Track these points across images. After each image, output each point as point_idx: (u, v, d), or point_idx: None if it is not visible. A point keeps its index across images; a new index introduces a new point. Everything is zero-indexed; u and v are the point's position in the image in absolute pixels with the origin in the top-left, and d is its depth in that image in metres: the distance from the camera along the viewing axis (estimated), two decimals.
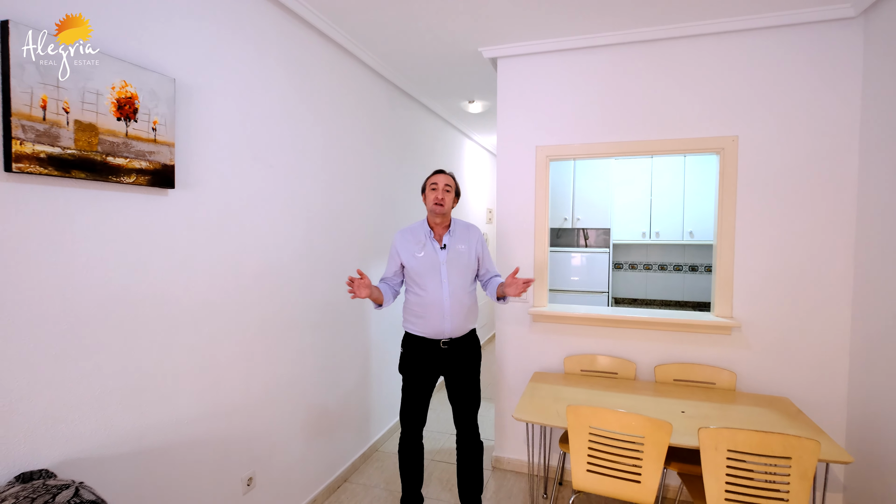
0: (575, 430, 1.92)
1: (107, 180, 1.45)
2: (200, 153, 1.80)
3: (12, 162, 1.22)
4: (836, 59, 2.35)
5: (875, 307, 2.18)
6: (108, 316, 1.48)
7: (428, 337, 2.24)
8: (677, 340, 2.65)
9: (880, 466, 2.11)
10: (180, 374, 1.74)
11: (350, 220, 2.86)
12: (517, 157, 2.89)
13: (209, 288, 1.86)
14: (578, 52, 2.74)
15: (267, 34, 2.14)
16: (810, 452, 1.65)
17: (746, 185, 2.52)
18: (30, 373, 1.29)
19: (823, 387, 2.42)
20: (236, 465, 2.01)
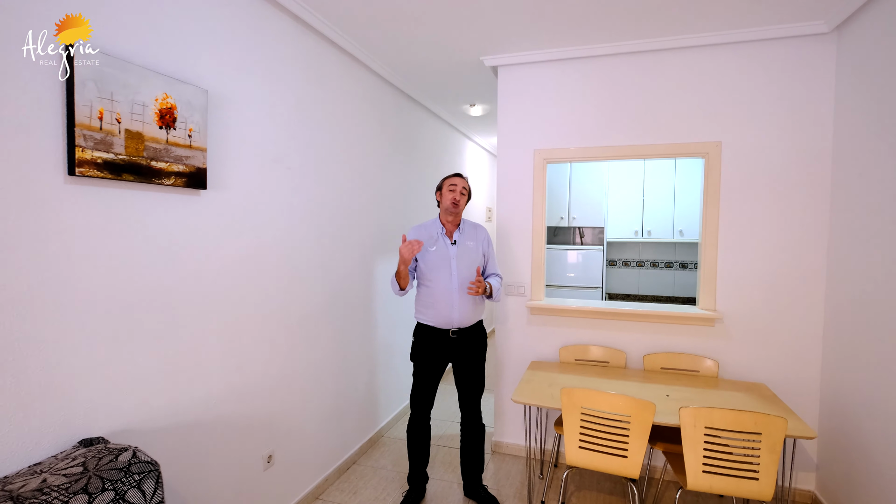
0: (568, 410, 2.11)
1: (150, 182, 1.62)
2: (228, 157, 1.98)
3: (75, 167, 1.40)
4: (811, 72, 2.54)
5: (845, 300, 2.37)
6: (149, 304, 1.66)
7: (438, 326, 2.42)
8: (664, 332, 2.84)
9: (848, 447, 2.30)
10: (210, 358, 1.92)
11: (359, 218, 3.04)
12: (516, 159, 3.07)
13: (235, 279, 2.03)
14: (574, 61, 2.92)
15: (287, 47, 2.31)
16: (778, 428, 1.84)
17: (729, 187, 2.71)
18: (86, 354, 1.47)
19: (798, 373, 2.62)
20: (258, 443, 2.20)
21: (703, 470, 1.95)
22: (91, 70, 1.42)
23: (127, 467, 1.28)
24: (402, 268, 2.33)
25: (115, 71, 1.49)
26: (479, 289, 2.30)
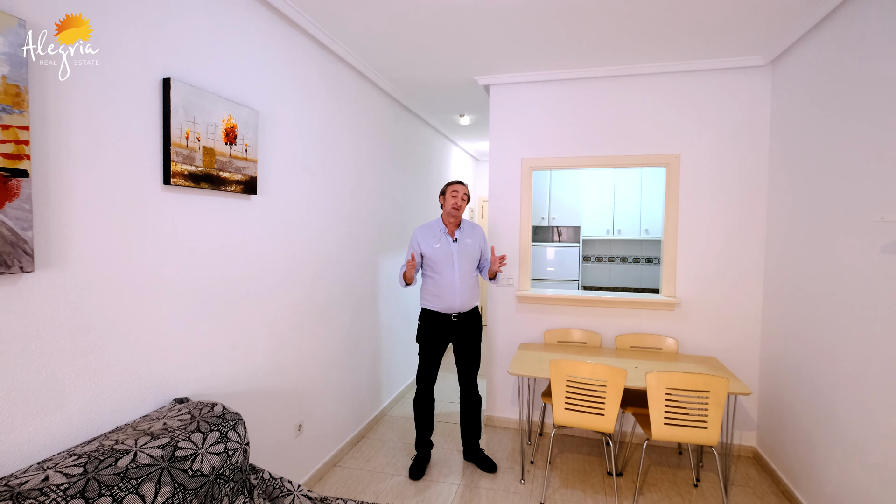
0: (556, 378, 2.54)
1: (218, 189, 1.96)
2: (270, 166, 2.32)
3: (170, 177, 1.73)
4: (751, 97, 3.05)
5: (779, 287, 2.88)
6: (215, 291, 1.99)
7: (441, 311, 2.81)
8: (633, 316, 3.31)
9: (780, 407, 2.81)
10: (257, 337, 2.26)
11: (365, 218, 3.40)
12: (506, 167, 3.49)
13: (275, 271, 2.38)
14: (557, 82, 3.36)
15: (312, 71, 2.66)
16: (722, 386, 2.32)
17: (686, 192, 3.20)
18: (173, 330, 1.80)
19: (742, 348, 3.13)
20: (291, 413, 2.54)
21: (664, 423, 2.41)
22: (180, 98, 1.75)
23: (222, 416, 1.62)
24: (409, 272, 2.74)
25: (196, 99, 1.82)
26: (502, 261, 2.78)
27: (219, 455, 1.48)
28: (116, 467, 1.25)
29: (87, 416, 1.46)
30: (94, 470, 1.22)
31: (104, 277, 1.51)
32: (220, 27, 1.98)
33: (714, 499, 2.64)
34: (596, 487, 2.75)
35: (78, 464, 1.22)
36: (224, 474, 1.48)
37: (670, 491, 2.73)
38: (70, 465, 1.21)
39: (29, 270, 1.27)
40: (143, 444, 1.36)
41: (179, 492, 1.32)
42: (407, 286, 2.85)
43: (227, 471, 1.50)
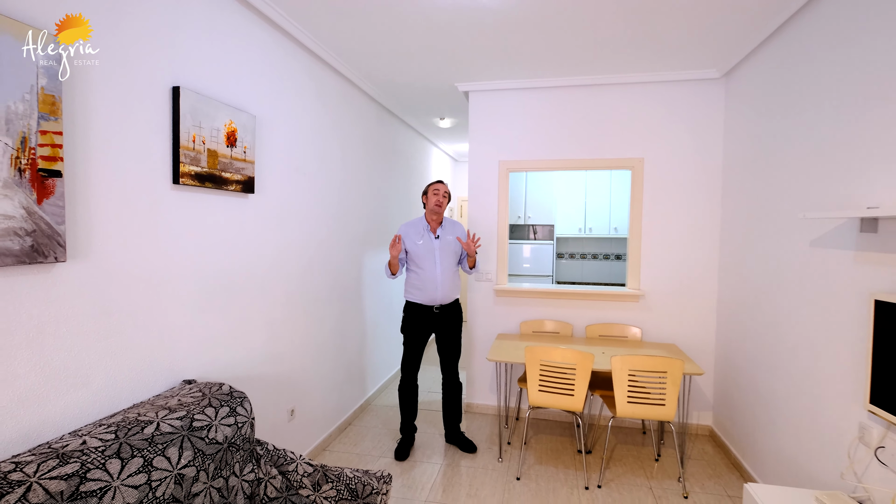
0: (530, 363, 2.77)
1: (221, 188, 2.12)
2: (265, 167, 2.48)
3: (179, 177, 1.88)
4: (707, 106, 3.34)
5: (731, 279, 3.18)
6: (217, 282, 2.15)
7: (424, 304, 3.02)
8: (602, 308, 3.58)
9: (732, 388, 3.11)
10: (255, 327, 2.42)
11: (351, 216, 3.57)
12: (484, 169, 3.72)
13: (269, 266, 2.54)
14: (532, 90, 3.60)
15: (303, 78, 2.82)
16: (678, 367, 2.59)
17: (649, 193, 3.48)
18: (181, 318, 1.95)
19: (700, 335, 3.43)
20: (285, 399, 2.70)
21: (627, 401, 2.67)
22: (188, 105, 1.90)
23: (230, 394, 1.79)
24: (393, 260, 2.92)
25: (201, 105, 1.98)
26: (471, 255, 3.00)
27: (230, 426, 1.66)
28: (143, 434, 1.41)
29: (109, 393, 1.61)
30: (125, 436, 1.38)
31: (122, 268, 1.66)
32: (221, 38, 2.14)
33: (672, 470, 2.92)
34: (567, 464, 3.00)
35: (109, 431, 1.38)
36: (235, 443, 1.65)
37: (634, 465, 2.99)
38: (102, 433, 1.37)
39: (62, 261, 1.43)
40: (164, 416, 1.52)
41: (199, 456, 1.49)
42: (393, 276, 3.03)
43: (238, 440, 1.67)
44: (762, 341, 2.67)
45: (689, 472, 2.91)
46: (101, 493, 1.22)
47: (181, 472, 1.42)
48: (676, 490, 2.71)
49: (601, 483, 2.77)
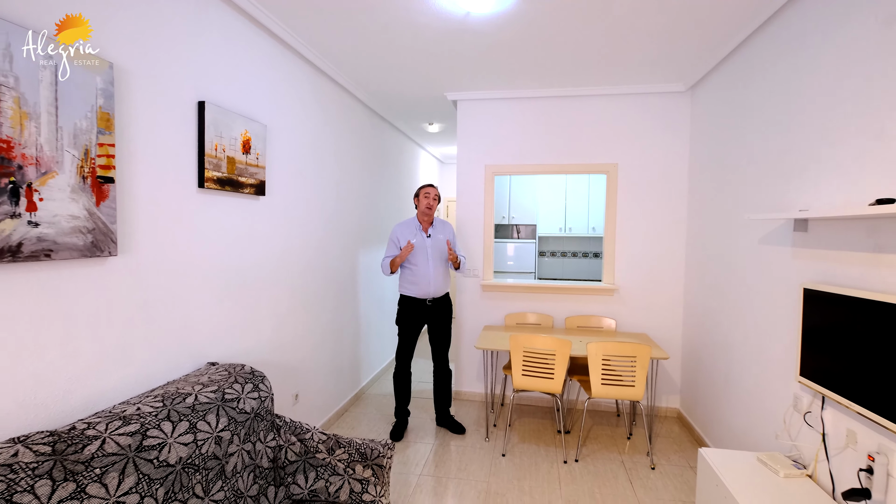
0: (514, 350, 3.06)
1: (237, 191, 2.35)
2: (273, 172, 2.71)
3: (204, 182, 2.12)
4: (674, 117, 3.67)
5: (696, 273, 3.51)
6: (233, 276, 2.38)
7: (418, 297, 3.28)
8: (580, 301, 3.89)
9: (697, 373, 3.44)
10: (264, 317, 2.66)
11: (347, 215, 3.82)
12: (471, 172, 3.99)
13: (276, 262, 2.77)
14: (516, 100, 3.89)
15: (306, 88, 3.06)
16: (645, 352, 2.90)
17: (623, 196, 3.79)
18: (204, 308, 2.18)
19: (669, 325, 3.76)
20: (290, 384, 2.94)
21: (601, 383, 2.97)
22: (211, 117, 2.14)
23: (252, 372, 2.03)
24: (399, 260, 3.18)
25: (222, 117, 2.21)
26: (453, 259, 3.24)
27: (255, 400, 1.90)
28: (186, 403, 1.65)
29: (148, 371, 1.84)
30: (171, 404, 1.61)
31: (156, 262, 1.89)
32: (237, 55, 2.37)
33: (643, 447, 3.24)
34: (548, 442, 3.30)
35: (157, 400, 1.62)
36: (260, 414, 1.90)
37: (608, 443, 3.30)
38: (151, 402, 1.61)
39: (114, 255, 1.65)
40: (199, 390, 1.76)
41: (232, 423, 1.74)
42: (391, 273, 3.28)
43: (262, 412, 1.91)
44: (720, 328, 3.00)
45: (657, 447, 3.23)
46: (160, 447, 1.45)
47: (219, 434, 1.66)
48: (645, 463, 3.02)
49: (578, 458, 3.07)
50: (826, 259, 1.95)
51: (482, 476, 2.84)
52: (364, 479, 1.86)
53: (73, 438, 1.31)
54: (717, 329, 3.06)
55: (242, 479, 1.72)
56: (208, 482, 1.58)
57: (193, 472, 1.53)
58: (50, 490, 1.17)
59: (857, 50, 1.80)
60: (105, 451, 1.33)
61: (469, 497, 2.63)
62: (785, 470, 1.98)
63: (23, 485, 1.13)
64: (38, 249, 1.40)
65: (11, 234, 1.32)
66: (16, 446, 1.21)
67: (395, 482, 2.76)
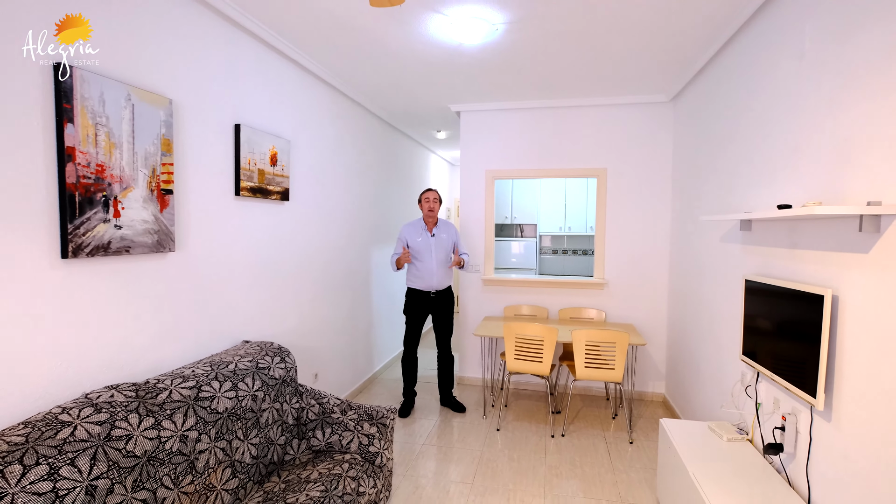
0: (507, 337, 3.44)
1: (266, 198, 2.78)
2: (296, 180, 3.14)
3: (240, 191, 2.55)
4: (659, 125, 4.00)
5: (677, 268, 3.83)
6: (262, 268, 2.81)
7: (422, 290, 3.68)
8: (573, 294, 4.24)
9: (680, 361, 3.76)
10: (289, 306, 3.09)
11: (361, 216, 4.24)
12: (474, 176, 4.38)
13: (299, 258, 3.20)
14: (513, 110, 4.25)
15: (324, 105, 3.49)
16: (624, 339, 3.25)
17: (612, 197, 4.13)
18: (239, 296, 2.61)
19: (653, 317, 4.09)
20: (310, 365, 3.37)
21: (585, 366, 3.33)
22: (245, 137, 2.57)
23: (279, 348, 2.46)
24: (401, 260, 3.58)
25: (254, 136, 2.64)
26: (456, 263, 3.60)
27: (282, 369, 2.32)
28: (228, 369, 2.08)
29: (195, 346, 2.28)
30: (217, 369, 2.04)
31: (203, 257, 2.33)
32: (266, 83, 2.80)
33: (625, 425, 3.58)
34: (539, 420, 3.67)
35: (205, 367, 2.05)
36: (286, 381, 2.32)
37: (594, 421, 3.66)
38: (201, 368, 2.04)
39: (172, 251, 2.09)
40: (238, 360, 2.19)
41: (265, 386, 2.16)
42: (398, 270, 3.70)
43: (288, 379, 2.34)
44: (694, 318, 3.33)
45: (639, 427, 3.57)
46: (211, 399, 1.88)
47: (255, 393, 2.09)
48: (625, 438, 3.37)
49: (565, 433, 3.44)
50: (763, 254, 2.28)
51: (478, 446, 3.23)
52: (370, 435, 2.27)
53: (148, 389, 1.75)
54: (692, 318, 3.39)
55: (273, 430, 2.14)
56: (247, 429, 2.00)
57: (236, 420, 1.95)
58: (138, 421, 1.60)
59: (782, 78, 2.13)
60: (172, 398, 1.76)
61: (465, 462, 3.02)
62: (728, 435, 2.33)
63: (120, 416, 1.56)
64: (121, 246, 1.84)
65: (104, 235, 1.76)
66: (111, 390, 1.64)
67: (401, 450, 3.16)
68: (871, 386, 1.50)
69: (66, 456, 1.35)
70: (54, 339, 1.62)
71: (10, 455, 1.27)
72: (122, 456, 1.49)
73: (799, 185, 1.95)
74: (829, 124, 1.75)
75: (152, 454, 1.58)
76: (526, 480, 2.80)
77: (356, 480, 2.04)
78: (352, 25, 2.66)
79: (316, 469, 2.07)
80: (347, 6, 2.43)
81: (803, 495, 1.84)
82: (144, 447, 1.57)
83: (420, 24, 2.66)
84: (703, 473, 2.01)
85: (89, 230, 1.71)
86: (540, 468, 2.95)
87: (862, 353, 1.55)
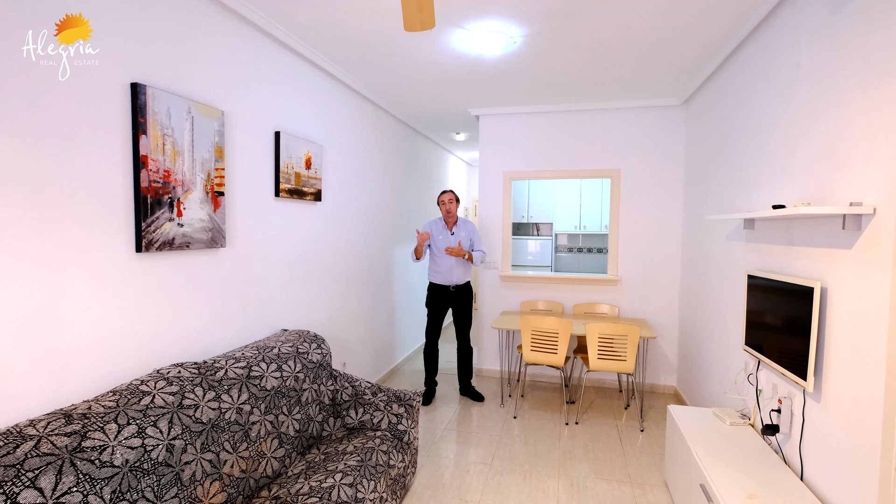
0: (524, 330, 3.63)
1: (301, 198, 3.03)
2: (326, 182, 3.38)
3: (279, 192, 2.79)
4: (671, 127, 4.14)
5: (688, 265, 3.98)
6: (297, 264, 3.05)
7: (443, 284, 3.90)
8: (587, 290, 4.41)
9: (688, 353, 3.91)
10: (321, 299, 3.33)
11: (383, 216, 4.47)
12: (492, 177, 4.57)
13: (329, 254, 3.44)
14: (529, 114, 4.44)
15: (350, 111, 3.72)
16: (635, 332, 3.42)
17: (625, 197, 4.29)
18: (278, 288, 2.86)
19: (666, 312, 4.24)
20: (339, 354, 3.61)
21: (598, 358, 3.51)
22: (284, 143, 2.81)
23: (315, 336, 2.69)
24: (418, 247, 3.81)
25: (291, 142, 2.89)
26: (457, 252, 3.80)
27: (318, 354, 2.56)
28: (272, 353, 2.32)
29: (241, 332, 2.53)
30: (263, 353, 2.29)
31: (248, 253, 2.58)
32: (302, 93, 3.04)
33: (637, 415, 3.75)
34: (554, 409, 3.85)
35: (252, 350, 2.29)
36: (322, 365, 2.56)
37: (607, 411, 3.83)
38: (249, 351, 2.28)
39: (223, 247, 2.34)
40: (280, 345, 2.43)
41: (304, 368, 2.40)
42: (417, 261, 3.92)
43: (323, 364, 2.57)
44: (703, 312, 3.48)
45: (649, 416, 3.73)
46: (260, 378, 2.13)
47: (296, 375, 2.33)
48: (637, 427, 3.54)
49: (578, 421, 3.62)
50: (763, 251, 2.44)
51: (495, 432, 3.44)
52: (399, 414, 2.50)
53: (207, 367, 1.99)
54: (701, 312, 3.54)
55: (312, 408, 2.38)
56: (290, 406, 2.24)
57: (281, 397, 2.19)
58: (202, 394, 1.84)
59: (781, 86, 2.29)
60: (228, 376, 2.01)
61: (483, 445, 3.22)
62: (731, 420, 2.49)
63: (188, 388, 1.81)
64: (183, 242, 2.09)
65: (169, 232, 2.01)
66: (178, 367, 1.89)
67: (424, 434, 3.38)
68: (852, 368, 1.67)
69: (150, 419, 1.60)
70: (131, 322, 1.88)
71: (107, 415, 1.52)
72: (192, 422, 1.73)
73: (795, 187, 2.11)
74: (821, 130, 1.91)
75: (215, 422, 1.83)
76: (541, 462, 3.00)
77: (387, 454, 2.26)
78: (381, 41, 2.89)
79: (351, 443, 2.30)
80: (379, 27, 2.65)
81: (797, 472, 2.01)
82: (209, 415, 1.81)
83: (444, 39, 2.87)
84: (706, 454, 2.18)
85: (158, 227, 1.96)
86: (554, 452, 3.14)
87: (845, 339, 1.71)
